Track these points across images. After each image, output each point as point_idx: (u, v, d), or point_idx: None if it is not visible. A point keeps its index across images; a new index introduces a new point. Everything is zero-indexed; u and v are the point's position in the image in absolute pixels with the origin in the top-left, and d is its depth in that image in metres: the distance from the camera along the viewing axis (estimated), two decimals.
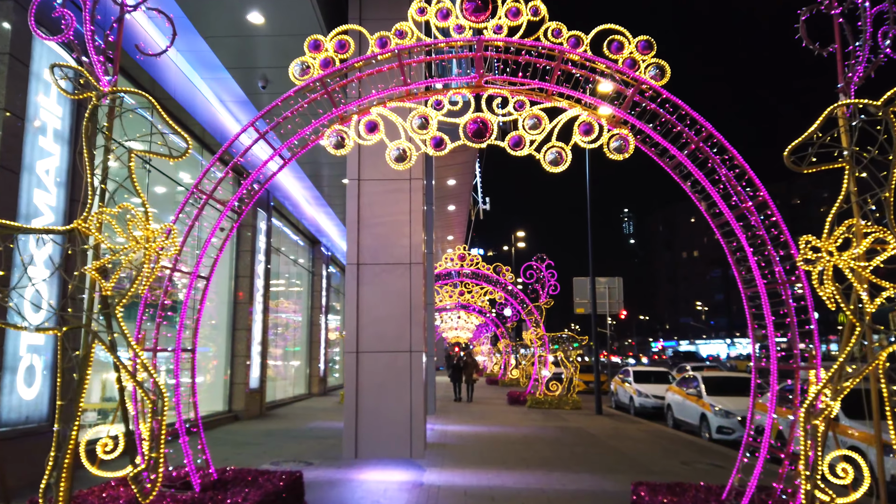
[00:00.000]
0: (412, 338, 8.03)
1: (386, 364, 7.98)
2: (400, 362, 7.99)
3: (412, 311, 8.08)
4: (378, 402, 7.88)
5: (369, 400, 7.88)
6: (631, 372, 20.21)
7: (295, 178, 18.26)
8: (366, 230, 8.21)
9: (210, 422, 12.94)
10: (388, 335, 8.05)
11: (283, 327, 20.02)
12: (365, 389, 7.90)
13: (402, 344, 8.00)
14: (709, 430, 13.01)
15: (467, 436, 12.53)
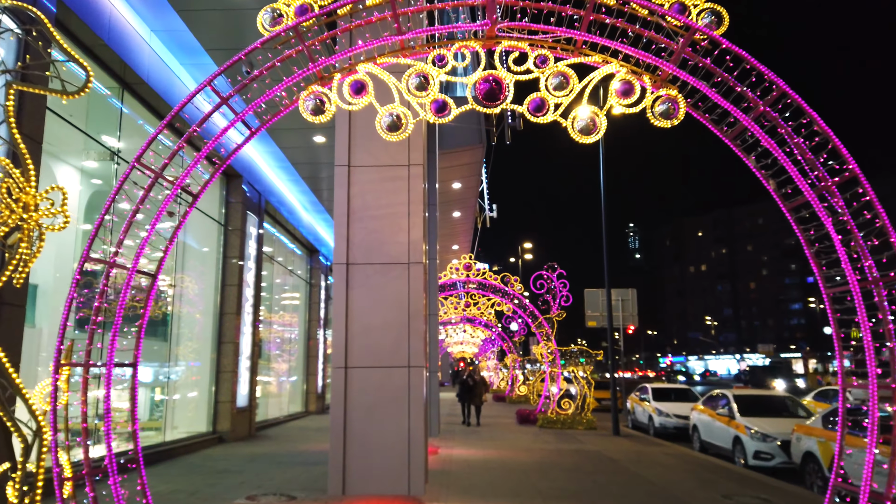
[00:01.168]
0: (411, 351, 6.79)
1: (379, 382, 6.73)
2: (396, 380, 6.74)
3: (410, 319, 6.85)
4: (370, 427, 6.63)
5: (359, 424, 6.63)
6: (649, 389, 18.84)
7: (290, 182, 17.11)
8: (357, 224, 7.01)
9: (189, 445, 11.67)
10: (382, 348, 6.81)
11: (276, 341, 18.76)
12: (354, 412, 6.65)
13: (398, 358, 6.76)
14: (744, 456, 11.65)
15: (475, 462, 11.22)
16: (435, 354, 12.47)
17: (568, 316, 19.75)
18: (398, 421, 6.66)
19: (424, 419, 6.76)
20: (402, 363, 6.77)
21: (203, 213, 13.20)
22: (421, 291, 6.92)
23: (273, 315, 18.44)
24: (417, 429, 6.66)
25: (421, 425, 6.67)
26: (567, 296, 19.31)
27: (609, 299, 17.93)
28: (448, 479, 9.22)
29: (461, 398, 18.35)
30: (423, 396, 6.83)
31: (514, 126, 15.06)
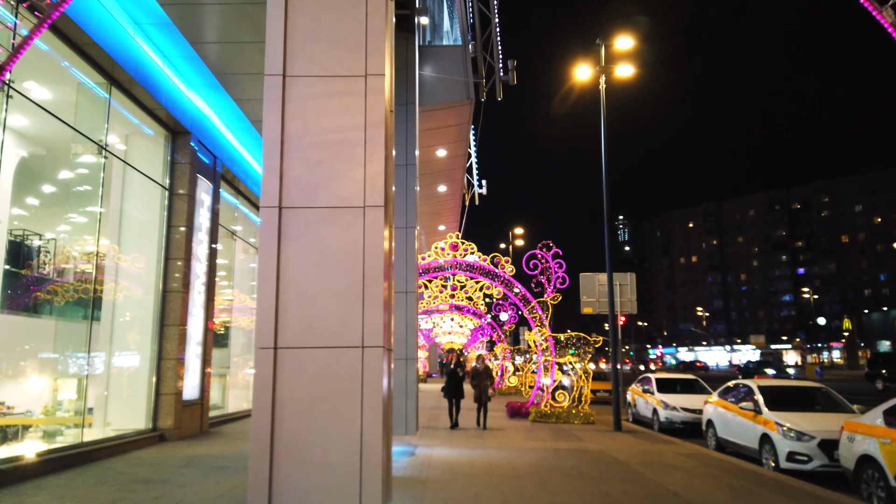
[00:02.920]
0: (366, 326, 4.94)
1: (322, 368, 4.88)
2: (345, 365, 4.89)
3: (366, 282, 4.99)
4: (307, 431, 4.78)
5: (293, 426, 4.79)
6: (653, 380, 17.10)
7: (254, 147, 15.18)
8: (294, 154, 5.15)
9: (118, 445, 9.79)
10: (326, 322, 4.95)
11: (239, 325, 16.83)
12: (287, 409, 4.80)
13: (348, 336, 4.92)
14: (774, 457, 9.92)
15: (458, 466, 9.41)
16: (412, 336, 10.65)
17: (557, 308, 17.99)
18: (347, 421, 4.82)
19: (384, 418, 4.91)
20: (353, 342, 4.92)
21: (141, 173, 11.26)
22: (382, 245, 5.06)
23: (235, 296, 16.50)
24: (373, 432, 4.82)
25: (378, 426, 4.83)
26: (563, 277, 17.50)
27: (611, 283, 16.18)
28: (423, 493, 7.40)
29: (447, 393, 14.47)
30: (384, 387, 4.98)
31: (507, 80, 13.20)
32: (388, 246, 5.48)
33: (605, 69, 15.74)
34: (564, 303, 37.59)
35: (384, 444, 5.09)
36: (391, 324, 5.71)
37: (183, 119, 11.72)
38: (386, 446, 5.29)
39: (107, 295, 10.99)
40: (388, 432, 5.43)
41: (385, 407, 5.10)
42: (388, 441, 5.37)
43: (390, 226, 5.68)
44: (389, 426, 5.53)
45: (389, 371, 5.60)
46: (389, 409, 5.56)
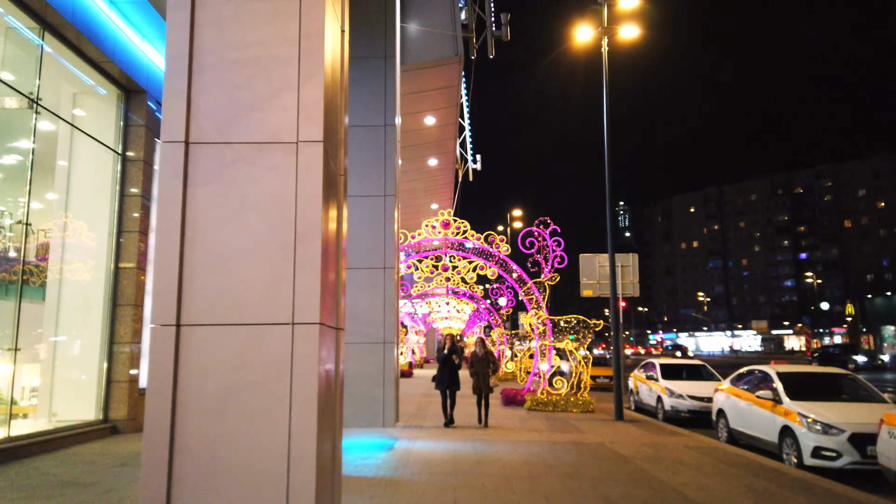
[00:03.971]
0: (297, 297, 3.77)
1: (238, 351, 3.73)
2: (270, 347, 3.73)
3: (298, 240, 3.82)
4: (219, 432, 3.64)
5: (200, 427, 3.65)
6: (657, 366, 16.00)
7: None
8: (207, 75, 3.97)
9: (57, 440, 8.69)
10: (244, 291, 3.79)
11: None
12: (193, 404, 3.67)
13: (274, 309, 3.76)
14: (797, 452, 8.81)
15: (440, 463, 8.30)
16: (391, 317, 9.50)
17: (556, 293, 16.87)
18: (272, 419, 3.67)
19: (322, 413, 3.76)
20: (280, 318, 3.76)
21: (88, 135, 10.06)
22: (318, 192, 3.88)
23: None
24: (305, 432, 3.66)
25: (311, 424, 3.66)
26: (561, 256, 16.33)
27: (612, 264, 15.04)
28: (388, 499, 6.29)
29: (440, 383, 11.80)
30: (322, 374, 3.83)
31: (500, 36, 11.95)
32: (333, 196, 4.30)
33: (607, 30, 14.49)
34: (564, 288, 36.01)
35: (326, 445, 3.95)
36: (340, 296, 4.53)
37: (137, 76, 10.50)
38: (330, 448, 4.15)
39: (52, 272, 9.86)
40: (333, 430, 4.29)
41: (326, 398, 3.96)
42: (332, 441, 4.23)
43: (336, 169, 4.49)
44: (336, 422, 4.38)
45: (338, 354, 4.45)
46: (337, 400, 4.42)
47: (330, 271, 4.16)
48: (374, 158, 9.75)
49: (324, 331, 3.91)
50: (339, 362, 4.50)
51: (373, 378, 9.29)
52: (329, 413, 4.12)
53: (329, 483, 4.11)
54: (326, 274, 4.02)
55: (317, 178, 3.92)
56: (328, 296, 4.07)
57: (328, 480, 4.08)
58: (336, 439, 4.40)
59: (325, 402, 3.93)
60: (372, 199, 9.73)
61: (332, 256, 4.26)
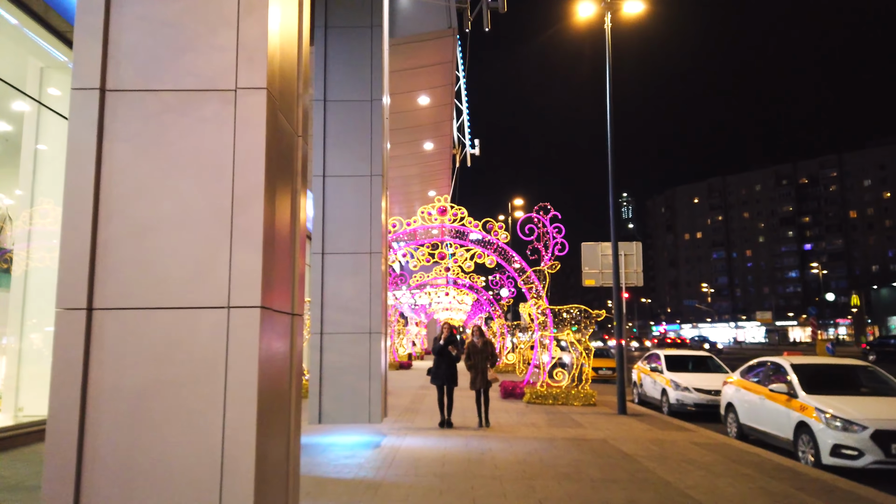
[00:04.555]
0: (234, 274, 3.12)
1: (164, 340, 3.07)
2: (201, 335, 3.08)
3: (236, 206, 3.17)
4: (138, 437, 3.00)
5: (116, 430, 3.02)
6: (662, 357, 15.35)
7: None
8: (127, 8, 3.31)
9: (26, 435, 8.09)
10: (171, 268, 3.14)
11: None
12: (105, 403, 3.03)
13: (206, 290, 3.09)
14: (814, 450, 8.17)
15: (428, 462, 7.68)
16: (377, 306, 8.86)
17: (557, 284, 16.21)
18: (203, 420, 3.04)
19: (260, 416, 3.11)
20: (213, 300, 3.12)
21: (59, 114, 9.40)
22: (261, 148, 3.22)
23: None
24: (241, 436, 3.03)
25: (250, 426, 3.02)
26: (562, 243, 15.67)
27: (615, 252, 14.39)
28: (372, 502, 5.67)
29: (435, 377, 10.49)
30: (266, 367, 3.19)
31: (496, 7, 11.23)
32: (285, 158, 3.64)
33: (610, 5, 13.77)
34: (567, 279, 35.06)
35: (275, 449, 3.33)
36: (297, 277, 3.89)
37: None
38: (282, 452, 3.53)
39: (17, 259, 9.24)
40: (287, 431, 3.66)
41: (274, 395, 3.33)
42: (285, 444, 3.60)
43: (291, 128, 3.83)
44: (291, 421, 3.75)
45: (294, 343, 3.81)
46: (293, 397, 3.78)
47: (279, 246, 3.50)
48: (360, 136, 9.09)
49: (268, 316, 3.26)
50: (296, 353, 3.85)
51: (358, 371, 8.67)
52: (279, 412, 3.48)
53: (279, 492, 3.48)
54: (273, 248, 3.37)
55: (258, 133, 3.26)
56: (276, 275, 3.42)
57: (277, 489, 3.45)
58: (292, 442, 3.77)
59: (271, 399, 3.29)
60: (357, 180, 9.07)
61: (283, 229, 3.60)
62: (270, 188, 3.33)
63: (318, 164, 9.13)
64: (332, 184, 9.10)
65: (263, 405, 3.15)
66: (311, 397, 8.70)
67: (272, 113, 3.37)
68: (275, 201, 3.43)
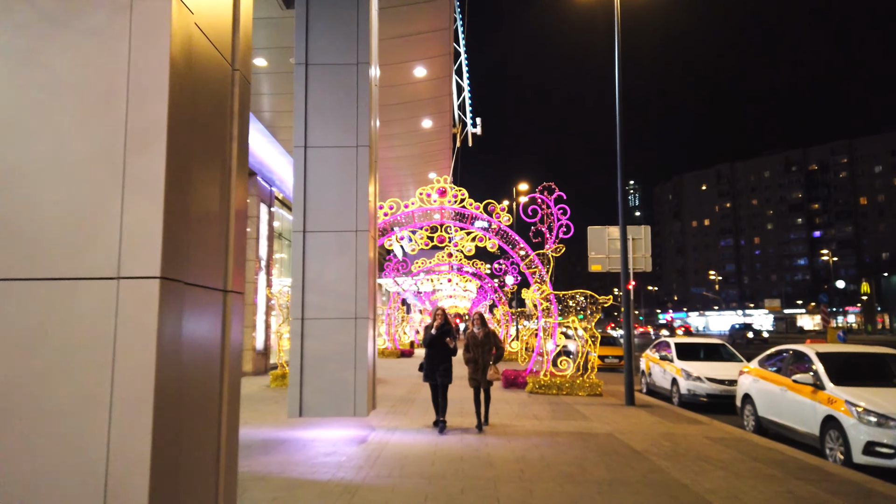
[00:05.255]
0: (126, 234, 2.38)
1: (31, 322, 2.36)
2: (81, 315, 2.36)
3: (130, 146, 2.42)
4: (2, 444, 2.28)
5: None
6: (672, 345, 14.57)
7: None
8: None
9: None
10: (42, 227, 2.40)
11: None
12: None
13: (90, 255, 2.38)
14: (845, 448, 7.39)
15: (416, 459, 6.94)
16: (363, 289, 8.09)
17: (563, 271, 15.45)
18: (81, 425, 2.30)
19: (158, 417, 2.36)
20: (98, 270, 2.37)
21: None
22: (162, 69, 2.46)
23: None
24: (131, 447, 2.29)
25: (142, 437, 2.30)
26: (567, 225, 14.86)
27: (624, 236, 13.60)
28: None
29: (428, 374, 8.96)
30: (171, 355, 2.43)
31: None
32: (205, 90, 2.87)
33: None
34: (574, 267, 33.92)
35: (190, 455, 2.58)
36: (230, 244, 3.12)
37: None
38: (208, 459, 2.78)
39: None
40: (216, 433, 2.91)
41: (187, 389, 2.58)
42: (213, 449, 2.86)
43: (218, 54, 3.04)
44: (223, 420, 3.00)
45: (226, 324, 3.06)
46: (225, 391, 3.03)
47: (200, 203, 2.74)
48: (345, 103, 8.29)
49: (176, 290, 2.50)
50: (231, 337, 3.10)
51: (341, 359, 7.93)
52: (198, 411, 2.73)
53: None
54: (188, 205, 2.60)
55: (161, 51, 2.48)
56: (194, 239, 2.66)
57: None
58: (224, 445, 3.02)
59: (181, 394, 2.54)
60: (341, 151, 8.28)
61: (207, 183, 2.84)
62: (182, 126, 2.56)
63: (300, 133, 8.35)
64: (314, 155, 8.32)
65: (167, 403, 2.40)
66: (290, 388, 7.97)
67: (184, 28, 2.59)
68: (191, 145, 2.66)
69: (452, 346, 8.99)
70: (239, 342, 3.21)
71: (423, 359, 9.11)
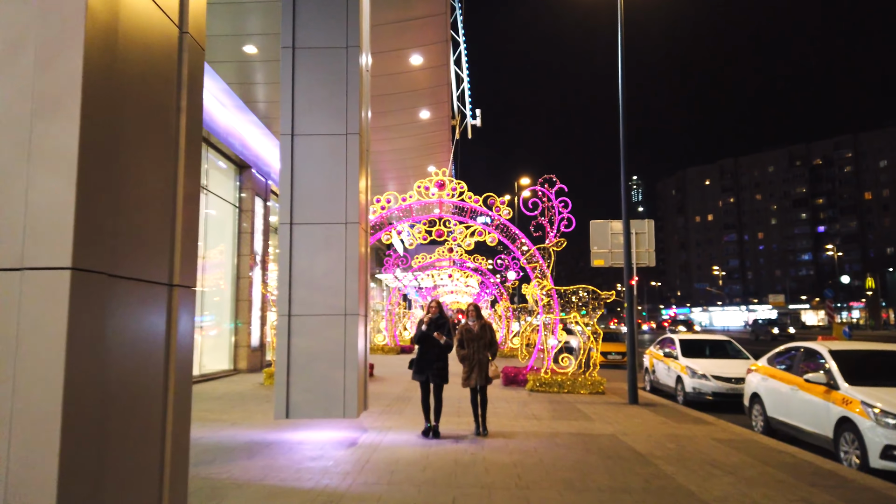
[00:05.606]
0: (31, 216, 1.99)
1: None
2: None
3: (36, 107, 2.03)
4: None
5: None
6: (677, 342, 14.17)
7: None
8: None
9: None
10: None
11: None
12: None
13: None
14: (861, 451, 6.99)
15: (407, 465, 6.56)
16: (353, 283, 7.69)
17: (565, 268, 15.06)
18: None
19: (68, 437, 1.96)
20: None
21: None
22: (76, 14, 2.07)
23: None
24: (34, 473, 1.90)
25: (48, 456, 1.91)
26: (568, 218, 14.45)
27: (627, 230, 13.22)
28: None
29: (418, 371, 8.28)
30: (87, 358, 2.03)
31: None
32: (160, 59, 2.48)
33: None
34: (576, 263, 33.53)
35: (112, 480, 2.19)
36: (177, 233, 2.73)
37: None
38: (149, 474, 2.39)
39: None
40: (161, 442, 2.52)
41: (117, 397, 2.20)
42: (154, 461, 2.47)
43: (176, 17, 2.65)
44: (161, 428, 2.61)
45: (171, 322, 2.67)
46: (174, 395, 2.64)
47: (126, 179, 2.34)
48: (334, 89, 7.88)
49: (99, 283, 2.11)
50: (177, 336, 2.71)
51: (330, 358, 7.54)
52: (132, 420, 2.34)
53: None
54: (110, 181, 2.21)
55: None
56: (120, 223, 2.27)
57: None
58: (170, 459, 2.63)
59: (105, 403, 2.15)
60: (330, 139, 7.87)
61: (139, 155, 2.44)
62: (105, 89, 2.17)
63: (287, 120, 7.94)
64: (301, 144, 7.91)
65: (83, 415, 2.02)
66: (277, 388, 7.58)
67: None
68: (119, 113, 2.26)
69: (444, 341, 8.09)
70: (189, 342, 2.81)
71: (415, 354, 8.43)
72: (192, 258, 2.88)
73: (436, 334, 8.11)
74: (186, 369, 2.81)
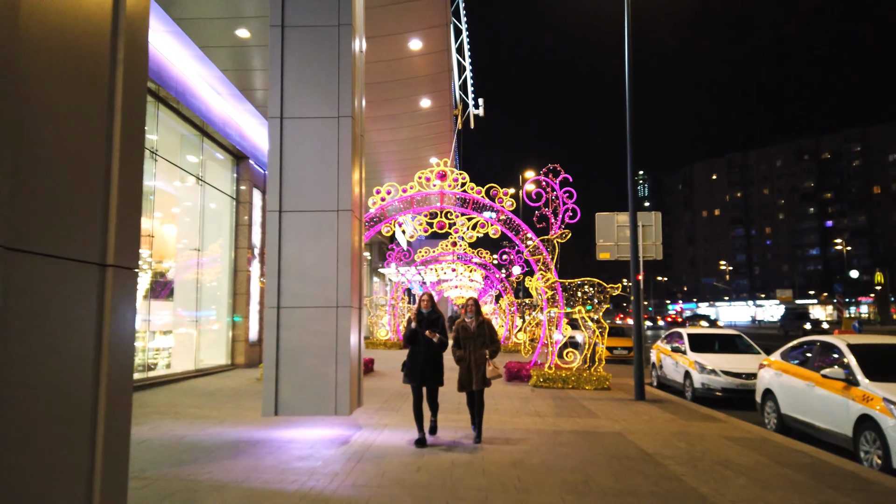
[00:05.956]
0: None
1: None
2: None
3: None
4: None
5: None
6: (685, 336, 13.75)
7: (193, 59, 11.71)
8: None
9: None
10: None
11: (177, 272, 13.64)
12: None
13: None
14: (884, 451, 6.57)
15: (399, 466, 6.19)
16: (345, 275, 7.32)
17: (569, 264, 14.68)
18: None
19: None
20: None
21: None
22: None
23: (173, 239, 13.29)
24: None
25: None
26: (573, 209, 14.04)
27: (633, 223, 12.80)
28: None
29: (410, 374, 7.28)
30: None
31: None
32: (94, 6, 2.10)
33: None
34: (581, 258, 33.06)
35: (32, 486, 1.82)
36: (112, 203, 2.35)
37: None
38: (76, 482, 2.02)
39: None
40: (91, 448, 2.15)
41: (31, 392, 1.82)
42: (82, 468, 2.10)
43: None
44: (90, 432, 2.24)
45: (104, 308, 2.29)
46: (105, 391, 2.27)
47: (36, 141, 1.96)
48: (325, 69, 7.49)
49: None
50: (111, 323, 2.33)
51: (321, 353, 7.17)
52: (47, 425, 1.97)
53: None
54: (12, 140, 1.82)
55: None
56: (26, 189, 1.89)
57: None
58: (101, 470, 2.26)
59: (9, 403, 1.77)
60: (321, 122, 7.48)
61: (55, 113, 2.06)
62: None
63: (275, 103, 7.56)
64: (291, 127, 7.53)
65: None
66: (265, 383, 7.22)
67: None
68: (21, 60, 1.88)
69: (437, 339, 7.16)
70: (128, 333, 2.44)
71: (408, 356, 7.37)
72: (133, 234, 2.51)
73: (428, 332, 7.15)
74: (125, 363, 2.43)
